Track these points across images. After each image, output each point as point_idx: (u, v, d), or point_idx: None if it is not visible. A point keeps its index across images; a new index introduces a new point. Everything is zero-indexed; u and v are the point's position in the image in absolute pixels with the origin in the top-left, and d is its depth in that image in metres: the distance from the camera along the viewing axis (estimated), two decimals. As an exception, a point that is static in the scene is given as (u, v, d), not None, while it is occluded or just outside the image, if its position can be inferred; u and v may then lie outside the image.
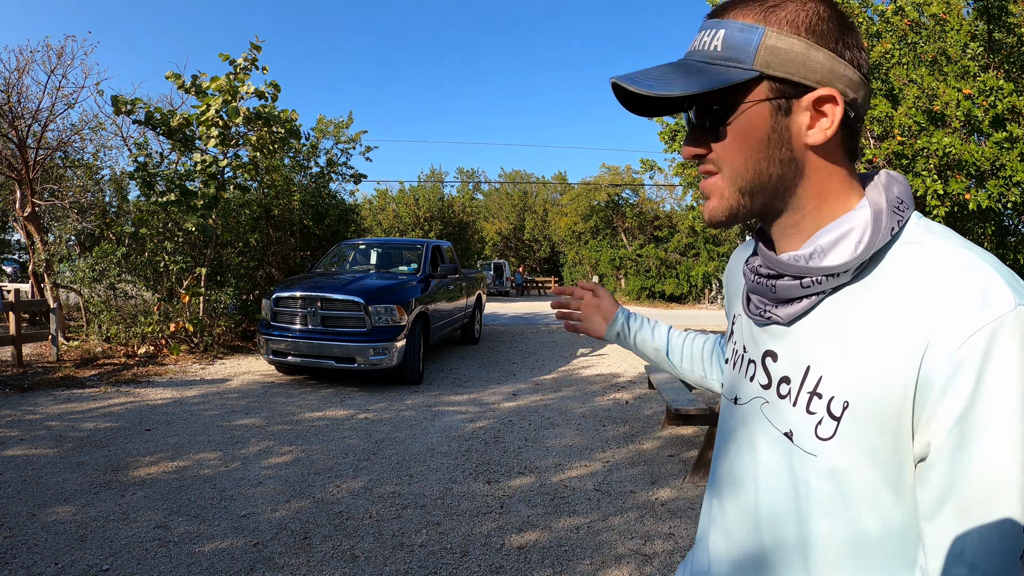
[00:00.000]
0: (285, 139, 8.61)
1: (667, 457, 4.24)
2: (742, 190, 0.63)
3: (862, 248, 0.59)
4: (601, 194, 27.58)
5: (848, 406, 0.58)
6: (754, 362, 0.70)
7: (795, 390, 0.63)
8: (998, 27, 5.23)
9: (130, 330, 7.92)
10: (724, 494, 0.73)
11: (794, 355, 0.64)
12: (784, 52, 0.59)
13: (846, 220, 0.61)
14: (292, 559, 2.72)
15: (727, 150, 0.63)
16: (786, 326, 0.65)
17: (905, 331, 0.55)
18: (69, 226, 11.39)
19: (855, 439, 0.57)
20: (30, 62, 9.03)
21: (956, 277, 0.54)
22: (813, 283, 0.61)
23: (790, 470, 0.63)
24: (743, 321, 0.75)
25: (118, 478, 3.66)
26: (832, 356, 0.60)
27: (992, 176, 4.88)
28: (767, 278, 0.66)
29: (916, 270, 0.57)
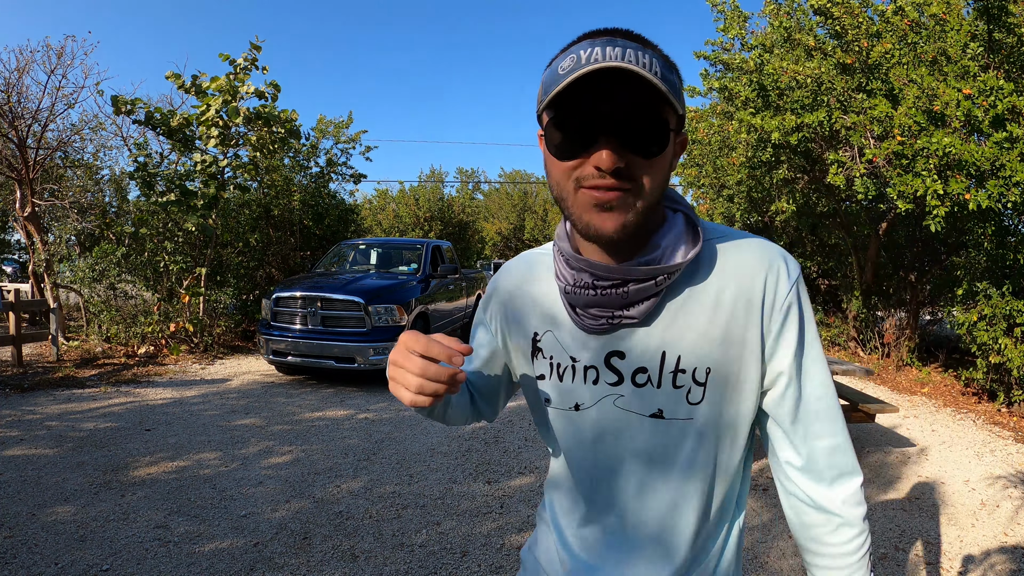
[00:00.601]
0: (285, 139, 8.61)
1: (667, 457, 4.24)
2: (648, 207, 0.69)
3: (696, 244, 0.73)
4: (601, 194, 27.56)
5: (711, 371, 0.73)
6: (594, 367, 0.76)
7: (655, 375, 0.74)
8: (998, 27, 5.22)
9: (130, 330, 7.92)
10: (589, 487, 0.81)
11: (645, 347, 0.74)
12: (682, 96, 0.69)
13: (672, 224, 0.75)
14: (292, 559, 2.72)
15: (652, 169, 0.67)
16: (637, 325, 0.74)
17: (744, 297, 0.72)
18: (69, 226, 11.38)
19: (720, 395, 0.74)
20: (30, 62, 9.04)
21: (767, 254, 0.74)
22: (664, 280, 0.71)
23: (664, 439, 0.75)
24: (563, 335, 0.79)
25: (118, 478, 3.66)
26: (685, 336, 0.73)
27: (992, 176, 4.87)
28: (613, 287, 0.71)
29: (736, 253, 0.74)
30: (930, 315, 8.78)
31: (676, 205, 0.78)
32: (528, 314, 0.83)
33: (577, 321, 0.76)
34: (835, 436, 0.75)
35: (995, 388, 5.77)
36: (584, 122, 0.65)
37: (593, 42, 0.65)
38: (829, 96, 5.92)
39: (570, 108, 0.65)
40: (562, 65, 0.65)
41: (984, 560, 2.84)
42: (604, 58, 0.62)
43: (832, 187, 6.92)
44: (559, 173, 0.69)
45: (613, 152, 0.64)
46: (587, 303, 0.73)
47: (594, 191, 0.66)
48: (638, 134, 0.65)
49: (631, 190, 0.66)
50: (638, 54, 0.63)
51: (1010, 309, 5.19)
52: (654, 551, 0.79)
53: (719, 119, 7.61)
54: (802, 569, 2.72)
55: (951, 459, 4.26)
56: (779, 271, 0.73)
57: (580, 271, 0.73)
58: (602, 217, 0.67)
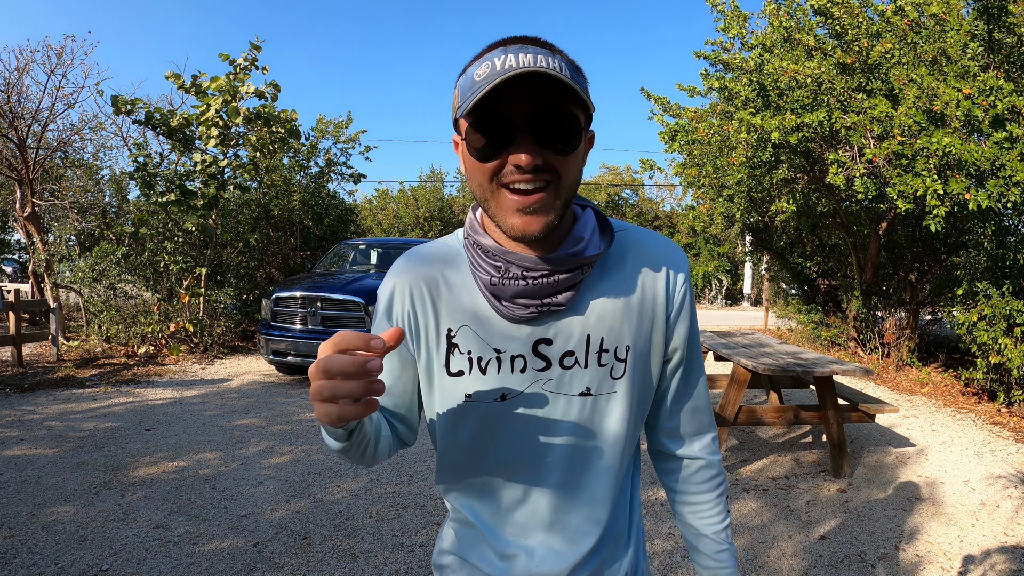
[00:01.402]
0: (285, 139, 8.61)
1: (667, 457, 4.24)
2: (565, 202, 0.74)
3: (609, 237, 0.81)
4: (601, 194, 27.57)
5: (630, 348, 0.82)
6: (522, 356, 0.80)
7: (582, 357, 0.81)
8: (998, 27, 5.22)
9: (130, 330, 7.92)
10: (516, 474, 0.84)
11: (571, 331, 0.80)
12: (588, 95, 0.73)
13: (586, 219, 0.82)
14: (292, 559, 2.72)
15: (568, 165, 0.72)
16: (563, 312, 0.80)
17: (652, 283, 0.84)
18: (69, 226, 11.39)
19: (637, 368, 0.83)
20: (30, 62, 9.04)
21: (668, 247, 0.86)
22: (587, 269, 0.78)
23: (592, 414, 0.82)
24: (483, 328, 0.81)
25: (118, 478, 3.66)
26: (606, 319, 0.81)
27: (992, 176, 4.87)
28: (544, 277, 0.76)
29: (642, 245, 0.85)
30: (930, 315, 8.78)
31: (584, 202, 0.85)
32: (440, 310, 0.83)
33: (502, 311, 0.78)
34: (701, 399, 0.93)
35: (995, 388, 5.77)
36: (502, 124, 0.69)
37: (506, 49, 0.69)
38: (829, 96, 5.92)
39: (489, 112, 0.68)
40: (478, 72, 0.69)
41: (984, 560, 2.84)
42: (518, 64, 0.66)
43: (832, 187, 6.92)
44: (481, 175, 0.72)
45: (531, 150, 0.68)
46: (515, 293, 0.77)
47: (516, 195, 0.71)
48: (553, 132, 0.69)
49: (550, 185, 0.71)
50: (548, 59, 0.67)
51: (1010, 309, 5.19)
52: (583, 520, 0.86)
53: (719, 119, 7.60)
54: (802, 569, 2.72)
55: (951, 459, 4.26)
56: (678, 262, 0.86)
57: (508, 264, 0.77)
58: (526, 220, 0.71)
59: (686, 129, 7.91)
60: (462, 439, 0.84)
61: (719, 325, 13.71)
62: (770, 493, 3.61)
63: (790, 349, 4.46)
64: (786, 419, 4.01)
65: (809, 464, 4.13)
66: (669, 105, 8.65)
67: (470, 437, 0.84)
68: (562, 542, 0.86)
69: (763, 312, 14.59)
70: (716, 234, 21.89)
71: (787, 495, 3.58)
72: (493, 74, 0.66)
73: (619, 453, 0.85)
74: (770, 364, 3.67)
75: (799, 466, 4.08)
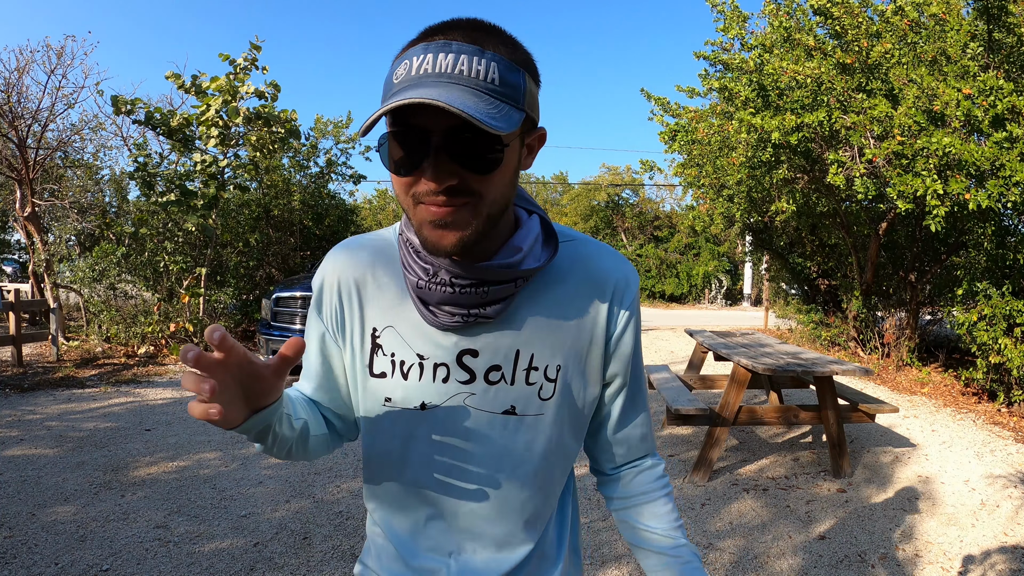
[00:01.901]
0: (285, 139, 8.61)
1: (667, 457, 4.24)
2: (490, 217, 0.68)
3: (553, 248, 0.75)
4: (601, 194, 27.58)
5: (561, 368, 0.77)
6: (445, 365, 0.75)
7: (509, 373, 0.75)
8: (998, 27, 5.22)
9: (130, 330, 7.92)
10: (432, 488, 0.79)
11: (499, 345, 0.75)
12: (531, 95, 0.68)
13: (529, 227, 0.76)
14: (292, 559, 2.72)
15: (490, 183, 0.65)
16: (492, 323, 0.74)
17: (595, 300, 0.78)
18: (69, 226, 11.39)
19: (569, 391, 0.78)
20: (30, 62, 9.04)
21: (616, 262, 0.80)
22: (522, 282, 0.73)
23: (515, 436, 0.77)
24: (408, 331, 0.76)
25: (118, 478, 3.66)
26: (539, 335, 0.76)
27: (992, 176, 4.87)
28: (472, 287, 0.71)
29: (588, 259, 0.79)
30: (930, 315, 8.77)
31: (531, 207, 0.79)
32: (366, 308, 0.78)
33: (428, 317, 0.74)
34: (644, 426, 0.89)
35: (995, 388, 5.77)
36: (416, 139, 0.63)
37: (427, 46, 0.63)
38: (829, 96, 5.91)
39: (402, 123, 0.63)
40: (396, 72, 0.64)
41: (984, 560, 2.84)
42: (434, 69, 0.61)
43: (832, 187, 6.92)
44: (398, 187, 0.67)
45: (444, 170, 0.63)
46: (442, 300, 0.72)
47: (430, 207, 0.65)
48: (468, 151, 0.63)
49: (468, 205, 0.65)
50: (472, 61, 0.61)
51: (1010, 309, 5.19)
52: (505, 538, 0.81)
53: (719, 119, 7.60)
54: (802, 569, 2.72)
55: (951, 459, 4.26)
56: (627, 279, 0.80)
57: (437, 268, 0.71)
58: (439, 234, 0.66)
59: (686, 129, 7.91)
60: (380, 445, 0.80)
61: (719, 325, 13.71)
62: (770, 493, 3.61)
63: (790, 349, 4.46)
64: (786, 419, 4.01)
65: (809, 464, 4.13)
66: (669, 105, 8.65)
67: (387, 444, 0.79)
68: (482, 561, 0.81)
69: (763, 312, 14.60)
70: (716, 234, 21.89)
71: (787, 495, 3.58)
72: (405, 82, 0.62)
73: (545, 477, 0.81)
74: (770, 364, 3.68)
75: (799, 466, 4.08)
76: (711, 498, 3.51)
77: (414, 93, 0.59)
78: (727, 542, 2.97)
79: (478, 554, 0.81)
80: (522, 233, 0.75)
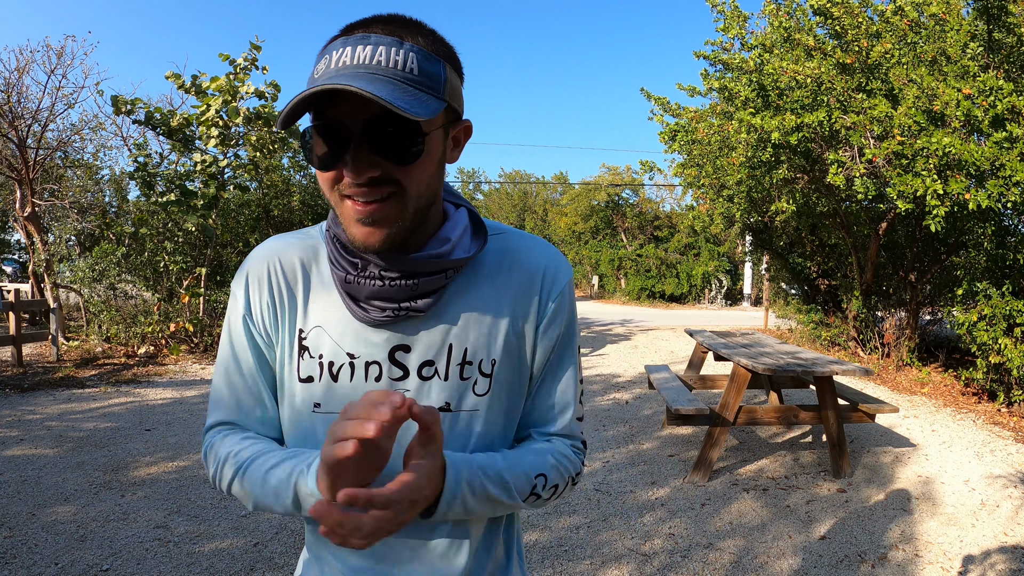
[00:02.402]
0: (285, 139, 8.61)
1: (667, 457, 4.24)
2: (417, 211, 0.67)
3: (482, 240, 0.75)
4: (601, 194, 27.57)
5: (496, 362, 0.75)
6: (376, 363, 0.73)
7: (442, 368, 0.73)
8: (998, 27, 5.22)
9: (130, 330, 7.92)
10: None
11: (432, 340, 0.73)
12: (453, 86, 0.68)
13: (457, 219, 0.75)
14: (292, 559, 2.72)
15: (412, 174, 0.65)
16: (424, 317, 0.73)
17: (525, 292, 0.77)
18: (69, 226, 11.39)
19: (504, 384, 0.76)
20: (30, 62, 9.04)
21: (546, 253, 0.79)
22: (452, 273, 0.72)
23: (451, 433, 0.73)
24: (336, 330, 0.73)
25: (118, 478, 3.66)
26: (471, 328, 0.74)
27: (992, 176, 4.87)
28: (402, 279, 0.70)
29: (518, 251, 0.78)
30: (930, 315, 8.78)
31: (458, 200, 0.79)
32: (290, 308, 0.75)
33: (357, 313, 0.72)
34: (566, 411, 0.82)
35: (995, 388, 5.77)
36: (336, 131, 0.62)
37: (347, 40, 0.63)
38: (829, 96, 5.91)
39: (321, 118, 0.63)
40: (318, 67, 0.63)
41: (984, 560, 2.84)
42: (352, 61, 0.61)
43: (832, 187, 6.92)
44: (323, 182, 0.67)
45: (365, 161, 0.62)
46: (371, 294, 0.70)
47: (356, 203, 0.64)
48: (388, 141, 0.62)
49: (393, 197, 0.65)
50: (390, 51, 0.62)
51: (1010, 309, 5.19)
52: (447, 547, 0.76)
53: (719, 119, 7.60)
54: (802, 569, 2.72)
55: (951, 459, 4.26)
56: (557, 270, 0.79)
57: (366, 261, 0.70)
58: (367, 231, 0.65)
59: (686, 129, 7.91)
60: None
61: (719, 325, 13.71)
62: (770, 493, 3.61)
63: (790, 349, 4.46)
64: (786, 419, 4.01)
65: (809, 464, 4.13)
66: (669, 105, 8.65)
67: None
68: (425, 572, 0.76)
69: (763, 312, 14.60)
70: (716, 234, 21.88)
71: (787, 495, 3.58)
72: (324, 75, 0.62)
73: None
74: (770, 364, 3.68)
75: (799, 466, 4.08)
76: (711, 498, 3.51)
77: (330, 83, 0.59)
78: (727, 542, 2.97)
79: (419, 568, 0.76)
80: (450, 225, 0.74)
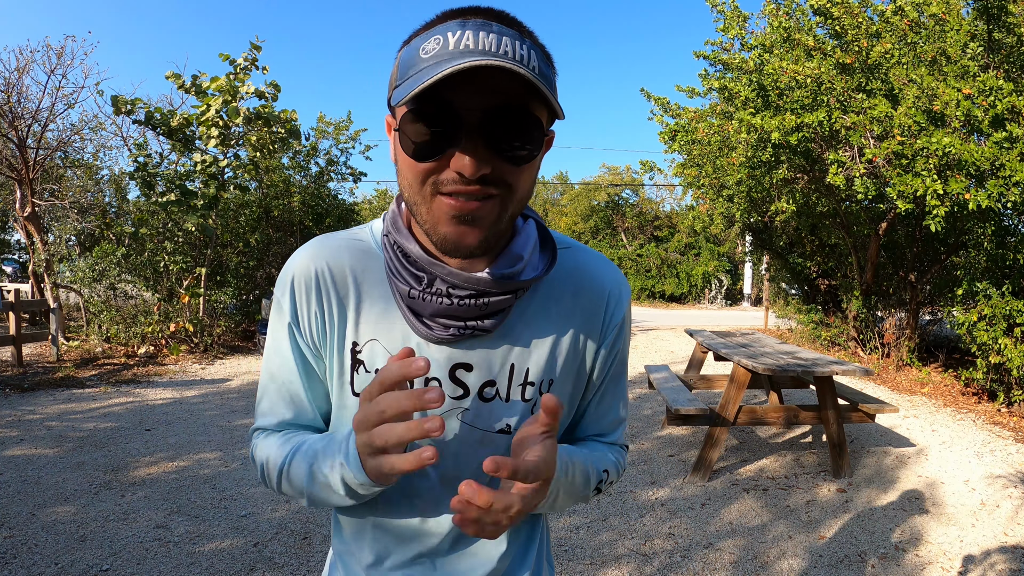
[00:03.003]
0: (285, 139, 8.61)
1: (667, 457, 4.24)
2: (513, 216, 0.64)
3: (550, 257, 0.71)
4: (601, 194, 27.56)
5: (553, 382, 0.73)
6: (436, 379, 0.69)
7: (504, 388, 0.70)
8: (998, 27, 5.22)
9: (130, 330, 7.92)
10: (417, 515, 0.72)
11: (494, 359, 0.70)
12: (556, 90, 0.64)
13: (527, 233, 0.71)
14: (292, 559, 2.72)
15: (521, 176, 0.61)
16: (487, 336, 0.69)
17: (588, 313, 0.74)
18: (69, 226, 11.39)
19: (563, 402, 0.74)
20: (30, 62, 9.03)
21: (611, 273, 0.77)
22: (520, 293, 0.68)
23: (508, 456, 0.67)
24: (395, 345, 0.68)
25: (118, 478, 3.66)
26: (534, 349, 0.71)
27: (992, 176, 4.87)
28: (471, 298, 0.65)
29: (584, 269, 0.75)
30: (930, 315, 8.78)
31: (527, 212, 0.74)
32: (340, 319, 0.70)
33: (419, 329, 0.67)
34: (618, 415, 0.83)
35: (995, 388, 5.77)
36: (448, 118, 0.56)
37: (464, 23, 0.56)
38: (829, 96, 5.91)
39: (433, 101, 0.55)
40: (425, 47, 0.57)
41: (984, 560, 2.84)
42: (477, 46, 0.54)
43: (832, 187, 6.92)
44: (413, 175, 0.59)
45: (478, 157, 0.56)
46: (437, 312, 0.66)
47: (453, 200, 0.58)
48: (508, 137, 0.57)
49: (496, 198, 0.60)
50: (516, 44, 0.56)
51: (1010, 309, 5.19)
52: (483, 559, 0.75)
53: (719, 119, 7.60)
54: (802, 569, 2.72)
55: (951, 459, 4.26)
56: (621, 292, 0.77)
57: (432, 276, 0.65)
58: (461, 231, 0.60)
59: (686, 129, 7.91)
60: None
61: (719, 325, 13.70)
62: (770, 493, 3.61)
63: (790, 349, 4.46)
64: (786, 419, 4.01)
65: (809, 464, 4.13)
66: (669, 106, 8.65)
67: None
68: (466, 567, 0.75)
69: (763, 312, 14.59)
70: (716, 234, 21.89)
71: (787, 495, 3.58)
72: (444, 55, 0.55)
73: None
74: (770, 364, 3.68)
75: (799, 466, 4.08)
76: (711, 498, 3.51)
77: (476, 60, 0.53)
78: (727, 542, 2.97)
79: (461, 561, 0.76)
80: (521, 240, 0.70)
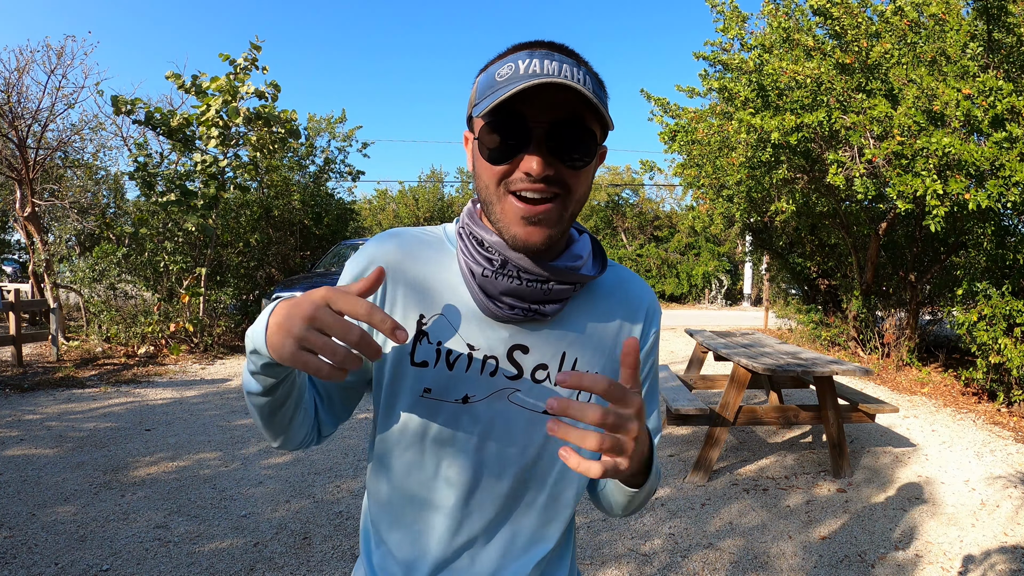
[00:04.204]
0: (285, 139, 8.61)
1: (667, 457, 4.24)
2: (572, 216, 0.74)
3: (604, 264, 0.82)
4: (601, 194, 27.55)
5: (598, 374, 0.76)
6: (495, 358, 0.76)
7: (555, 373, 0.78)
8: (998, 27, 5.22)
9: (130, 330, 7.92)
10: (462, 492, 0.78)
11: (549, 345, 0.78)
12: (607, 110, 0.73)
13: (583, 242, 0.82)
14: (292, 559, 2.72)
15: (579, 179, 0.71)
16: (545, 323, 0.78)
17: (629, 320, 0.83)
18: (69, 226, 11.39)
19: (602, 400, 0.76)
20: (30, 62, 9.03)
21: (648, 292, 0.87)
22: (578, 287, 0.78)
23: (553, 441, 0.78)
24: (458, 321, 0.76)
25: (118, 478, 3.66)
26: (583, 341, 0.80)
27: (992, 176, 4.87)
28: (538, 282, 0.74)
29: (627, 282, 0.86)
30: (930, 315, 8.77)
31: (581, 228, 0.86)
32: (415, 294, 0.77)
33: (486, 307, 0.75)
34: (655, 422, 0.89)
35: (995, 388, 5.77)
36: (519, 128, 0.68)
37: (531, 53, 0.69)
38: (829, 96, 5.91)
39: (507, 113, 0.68)
40: (500, 72, 0.69)
41: (984, 560, 2.84)
42: (543, 71, 0.66)
43: (832, 187, 6.92)
44: (489, 176, 0.71)
45: (544, 159, 0.68)
46: (506, 291, 0.74)
47: (523, 203, 0.70)
48: (568, 144, 0.69)
49: (558, 198, 0.71)
50: (573, 70, 0.67)
51: (1010, 309, 5.19)
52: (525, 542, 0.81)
53: (719, 119, 7.59)
54: (802, 569, 2.72)
55: (951, 459, 4.26)
56: (655, 308, 0.88)
57: (505, 259, 0.74)
58: (529, 230, 0.71)
59: (686, 130, 7.91)
60: (408, 440, 0.78)
61: (719, 325, 13.70)
62: (770, 493, 3.61)
63: (790, 349, 4.46)
64: (786, 419, 4.01)
65: (809, 464, 4.13)
66: (669, 106, 8.65)
67: (418, 439, 0.77)
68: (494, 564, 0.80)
69: (763, 312, 14.59)
70: (716, 234, 21.88)
71: (787, 495, 3.58)
72: (516, 77, 0.66)
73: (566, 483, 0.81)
74: (770, 364, 3.68)
75: (799, 466, 4.09)
76: (711, 498, 3.51)
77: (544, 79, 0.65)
78: (727, 542, 2.97)
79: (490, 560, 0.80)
80: (579, 245, 0.81)
